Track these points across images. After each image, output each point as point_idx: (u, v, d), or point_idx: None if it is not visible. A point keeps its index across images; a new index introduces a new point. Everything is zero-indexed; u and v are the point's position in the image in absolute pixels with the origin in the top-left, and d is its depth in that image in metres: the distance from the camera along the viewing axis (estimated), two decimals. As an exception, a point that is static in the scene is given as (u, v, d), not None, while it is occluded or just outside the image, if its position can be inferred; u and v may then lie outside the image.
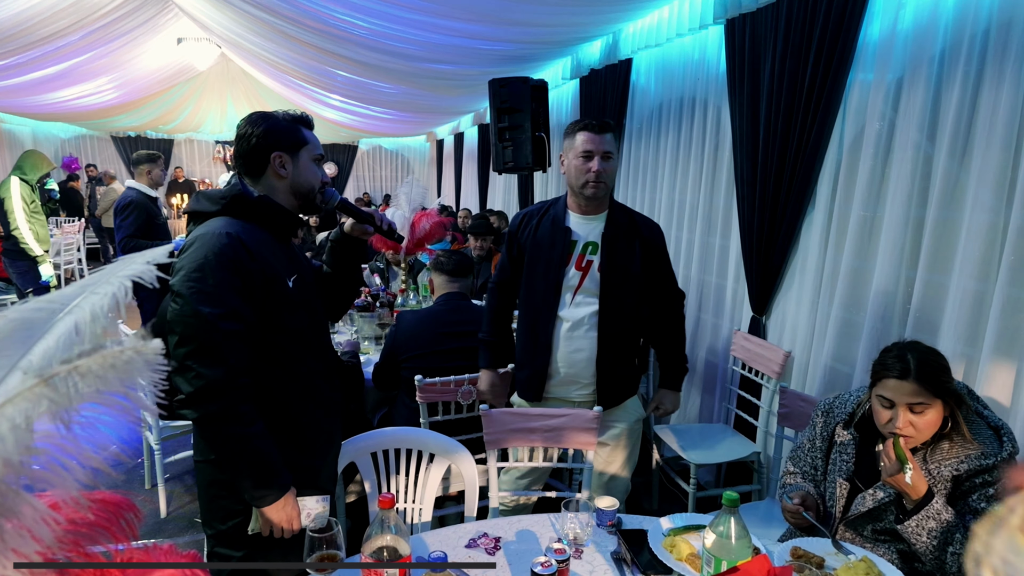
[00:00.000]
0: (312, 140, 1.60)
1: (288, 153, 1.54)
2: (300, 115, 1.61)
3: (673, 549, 1.45)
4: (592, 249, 2.11)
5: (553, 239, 2.13)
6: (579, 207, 2.14)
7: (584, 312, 2.11)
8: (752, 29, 2.82)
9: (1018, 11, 1.80)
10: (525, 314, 2.22)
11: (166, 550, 0.70)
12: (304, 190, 1.58)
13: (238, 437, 1.38)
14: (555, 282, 2.11)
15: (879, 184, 2.29)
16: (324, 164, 1.67)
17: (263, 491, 1.42)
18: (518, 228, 2.24)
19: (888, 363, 1.49)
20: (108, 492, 0.67)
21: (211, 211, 1.48)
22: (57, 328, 0.56)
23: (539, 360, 2.16)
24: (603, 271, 2.08)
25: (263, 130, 1.52)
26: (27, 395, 0.44)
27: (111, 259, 6.49)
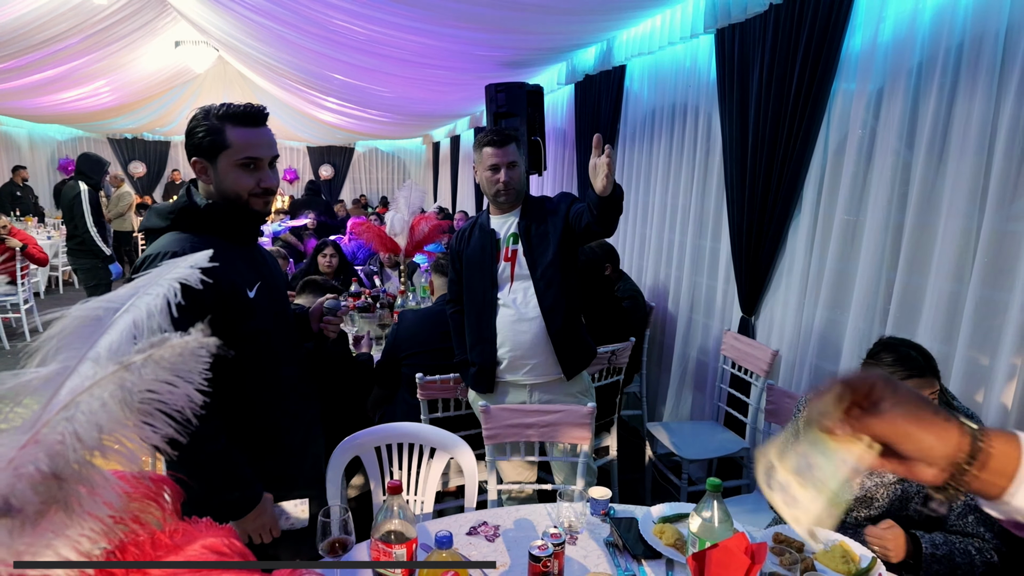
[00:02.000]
0: (238, 142, 1.39)
1: (205, 159, 1.41)
2: (233, 111, 1.39)
3: (662, 535, 1.54)
4: (513, 240, 2.29)
5: (482, 242, 2.32)
6: (498, 209, 2.35)
7: (522, 297, 2.27)
8: (741, 39, 2.92)
9: (989, 26, 1.90)
10: (469, 313, 2.38)
11: (205, 524, 0.78)
12: (230, 197, 1.42)
13: (205, 455, 1.32)
14: (490, 277, 2.30)
15: (861, 189, 2.39)
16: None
17: (234, 507, 1.38)
18: (456, 244, 2.44)
19: (898, 367, 1.56)
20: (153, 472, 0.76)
21: (162, 227, 1.41)
22: (118, 324, 0.65)
23: (486, 353, 2.31)
24: (527, 255, 2.26)
25: (188, 130, 1.41)
26: (111, 378, 0.52)
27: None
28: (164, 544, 0.69)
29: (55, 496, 0.54)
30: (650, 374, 3.93)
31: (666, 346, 3.88)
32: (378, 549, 1.22)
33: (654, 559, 1.50)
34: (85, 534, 0.58)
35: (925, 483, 0.60)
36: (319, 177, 13.82)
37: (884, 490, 1.60)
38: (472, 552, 1.52)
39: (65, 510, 0.56)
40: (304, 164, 14.13)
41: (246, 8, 4.57)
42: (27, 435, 0.52)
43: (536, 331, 2.26)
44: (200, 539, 0.73)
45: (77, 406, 0.52)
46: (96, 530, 0.59)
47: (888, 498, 1.60)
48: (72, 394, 0.54)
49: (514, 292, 2.29)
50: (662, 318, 3.90)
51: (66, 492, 0.55)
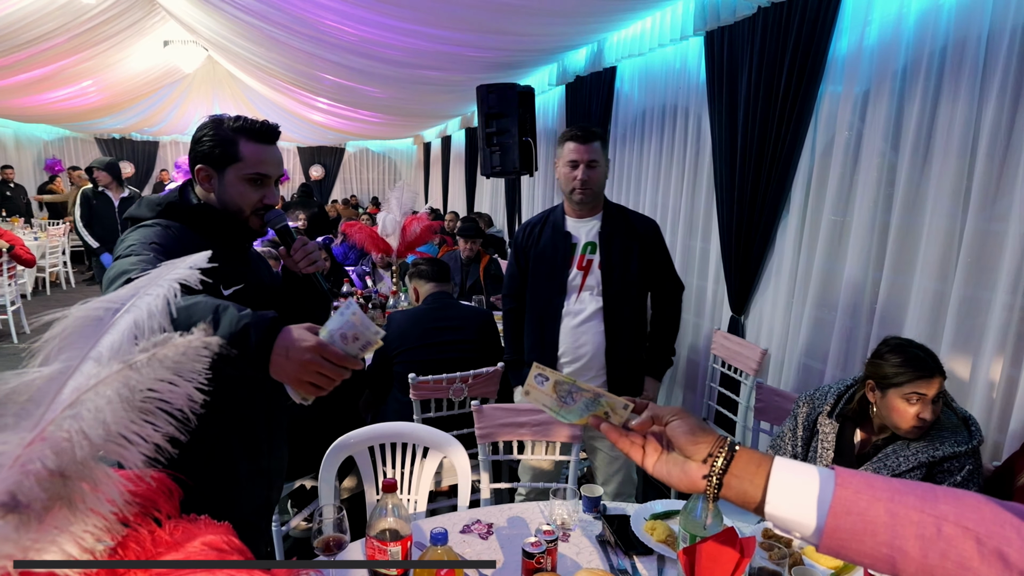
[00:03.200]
0: (250, 157, 1.39)
1: (213, 168, 1.39)
2: (249, 125, 1.39)
3: (653, 532, 1.56)
4: (591, 248, 2.22)
5: (555, 244, 2.25)
6: (574, 211, 2.27)
7: (589, 309, 2.22)
8: (730, 41, 2.95)
9: (972, 31, 1.94)
10: (532, 316, 2.33)
11: (204, 522, 0.79)
12: (230, 210, 1.41)
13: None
14: (559, 284, 2.23)
15: (848, 190, 2.42)
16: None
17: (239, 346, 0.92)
18: (523, 239, 2.36)
19: (906, 368, 1.59)
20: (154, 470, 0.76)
21: (147, 217, 1.38)
22: (119, 324, 0.66)
23: (546, 358, 2.27)
24: (603, 268, 2.20)
25: (196, 138, 1.41)
26: (117, 377, 0.53)
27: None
28: (164, 541, 0.70)
29: (60, 493, 0.55)
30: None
31: (657, 345, 3.91)
32: (373, 547, 1.24)
33: (646, 555, 1.52)
34: (89, 530, 0.59)
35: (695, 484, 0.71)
36: (309, 177, 13.77)
37: None
38: (466, 550, 1.54)
39: (69, 507, 0.57)
40: (294, 164, 14.07)
41: (236, 8, 4.56)
42: (33, 433, 0.53)
43: (595, 346, 2.23)
44: (200, 536, 0.74)
45: (83, 404, 0.53)
46: (99, 526, 0.60)
47: None
48: (77, 393, 0.55)
49: (581, 303, 2.23)
50: (653, 318, 3.93)
51: (71, 489, 0.56)
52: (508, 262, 2.45)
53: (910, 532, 0.58)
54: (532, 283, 2.31)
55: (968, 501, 0.58)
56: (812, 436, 1.84)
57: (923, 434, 1.61)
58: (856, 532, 0.59)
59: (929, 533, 0.57)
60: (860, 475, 0.63)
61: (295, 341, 0.93)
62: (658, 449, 0.77)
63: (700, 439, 0.72)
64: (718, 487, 0.69)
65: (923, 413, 1.60)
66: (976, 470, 1.57)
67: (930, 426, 1.61)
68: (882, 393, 1.65)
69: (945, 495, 0.59)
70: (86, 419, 0.52)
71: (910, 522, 0.58)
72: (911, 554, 0.57)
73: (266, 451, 1.47)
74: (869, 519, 0.59)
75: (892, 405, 1.65)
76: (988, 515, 0.56)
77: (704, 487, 0.70)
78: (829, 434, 1.77)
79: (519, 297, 2.38)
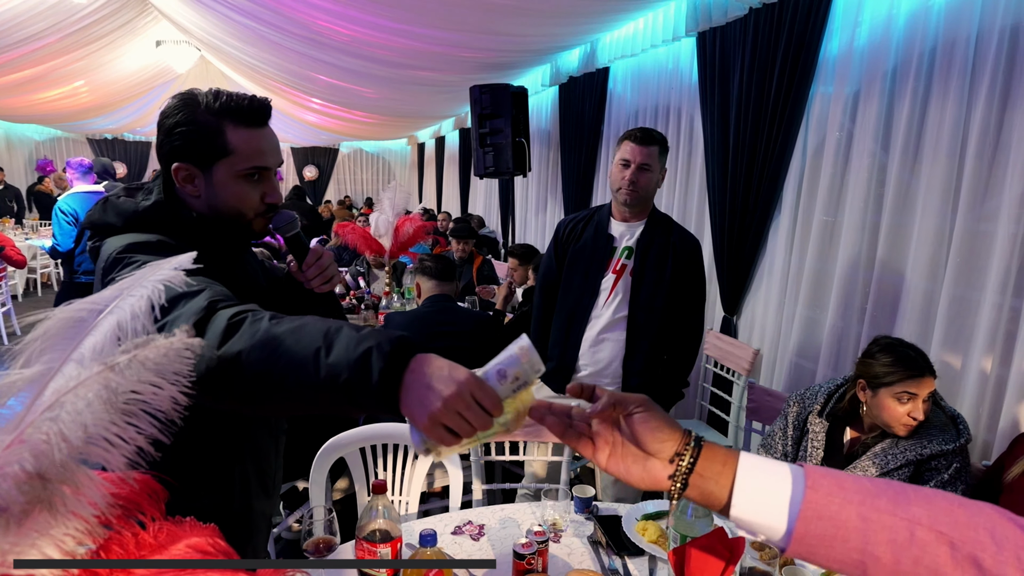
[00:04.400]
0: (243, 148, 1.09)
1: (196, 166, 1.09)
2: (235, 106, 1.09)
3: (644, 532, 1.57)
4: (628, 253, 2.18)
5: (596, 244, 2.21)
6: (620, 213, 2.22)
7: (614, 315, 2.18)
8: (722, 42, 2.96)
9: (961, 33, 1.95)
10: (560, 312, 2.29)
11: (189, 523, 0.79)
12: (227, 215, 1.12)
13: (271, 337, 0.78)
14: (593, 286, 2.20)
15: (839, 190, 2.43)
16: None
17: (382, 362, 0.72)
18: (564, 233, 2.31)
19: (897, 367, 1.60)
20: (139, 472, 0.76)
21: (115, 225, 1.09)
22: (102, 325, 0.65)
23: (568, 356, 2.24)
24: (635, 275, 2.16)
25: (166, 127, 1.09)
26: (96, 378, 0.53)
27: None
28: (148, 544, 0.70)
29: (40, 496, 0.55)
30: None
31: (650, 346, 3.92)
32: (363, 548, 1.23)
33: (637, 556, 1.52)
34: (69, 533, 0.58)
35: (658, 483, 0.66)
36: (303, 178, 13.74)
37: None
38: (457, 551, 1.54)
39: (50, 510, 0.56)
40: (288, 165, 14.03)
41: (228, 8, 4.55)
42: (12, 435, 0.52)
43: (614, 354, 2.20)
44: (184, 539, 0.73)
45: (62, 406, 0.53)
46: (80, 529, 0.60)
47: None
48: (57, 394, 0.55)
49: (608, 307, 2.19)
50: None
51: (51, 492, 0.56)
52: (546, 254, 2.40)
53: (882, 537, 0.56)
54: (566, 279, 2.26)
55: (941, 504, 0.57)
56: (802, 435, 1.84)
57: (912, 433, 1.62)
58: (826, 538, 0.57)
59: (902, 538, 0.55)
60: (831, 476, 0.60)
61: (442, 370, 0.72)
62: (610, 442, 0.69)
63: (666, 436, 0.65)
64: (683, 488, 0.64)
65: (914, 412, 1.61)
66: (963, 468, 1.57)
67: (920, 424, 1.62)
68: (873, 392, 1.66)
69: (917, 496, 0.58)
70: (65, 421, 0.52)
71: (882, 527, 0.56)
72: (883, 560, 0.56)
73: (272, 460, 1.35)
74: (840, 523, 0.57)
75: (883, 404, 1.65)
76: (962, 519, 0.55)
77: (668, 487, 0.65)
78: (819, 433, 1.78)
79: (552, 291, 2.32)
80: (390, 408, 0.73)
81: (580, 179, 4.55)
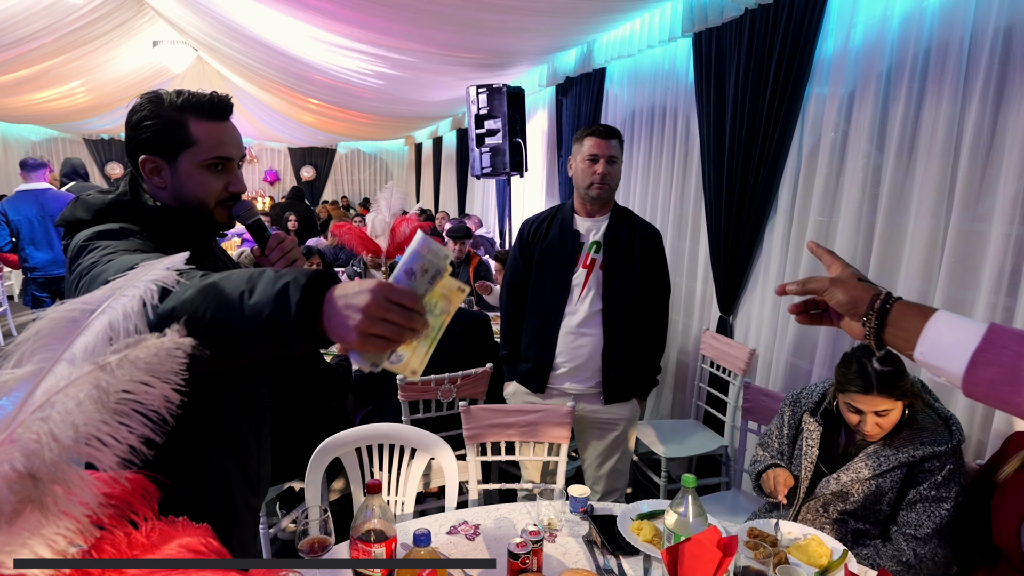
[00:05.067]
0: (205, 139, 1.17)
1: (162, 157, 1.17)
2: (197, 100, 1.17)
3: (639, 532, 1.57)
4: (596, 248, 2.23)
5: (563, 241, 2.24)
6: (584, 209, 2.27)
7: (589, 309, 2.22)
8: (718, 43, 2.96)
9: (954, 32, 1.96)
10: (532, 312, 2.32)
11: (182, 524, 0.79)
12: (190, 205, 1.20)
13: (202, 287, 0.81)
14: (564, 282, 2.23)
15: (834, 191, 2.44)
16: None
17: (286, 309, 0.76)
18: (529, 234, 2.34)
19: (851, 377, 1.61)
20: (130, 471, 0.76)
21: (85, 220, 1.15)
22: (94, 325, 0.65)
23: (544, 355, 2.27)
24: (605, 268, 2.20)
25: (133, 123, 1.17)
26: (87, 378, 0.53)
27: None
28: (140, 543, 0.70)
29: (31, 495, 0.55)
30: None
31: (647, 346, 3.92)
32: (358, 549, 1.23)
33: (632, 555, 1.52)
34: (61, 533, 0.59)
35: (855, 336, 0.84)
36: (300, 179, 13.73)
37: (859, 486, 1.65)
38: (452, 551, 1.54)
39: (41, 509, 0.56)
40: (285, 165, 14.02)
41: (224, 9, 4.54)
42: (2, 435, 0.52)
43: (593, 347, 2.23)
44: (177, 538, 0.73)
45: (53, 406, 0.53)
46: (72, 529, 0.60)
47: (863, 493, 1.64)
48: (48, 394, 0.55)
49: (582, 302, 2.23)
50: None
51: (42, 491, 0.56)
52: (511, 256, 2.43)
53: None
54: (536, 279, 2.30)
55: None
56: (797, 435, 1.85)
57: (905, 435, 1.62)
58: (996, 382, 0.69)
59: None
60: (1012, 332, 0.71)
61: (352, 287, 0.77)
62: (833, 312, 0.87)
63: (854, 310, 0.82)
64: (878, 344, 0.81)
65: (860, 425, 1.62)
66: (957, 469, 1.58)
67: (912, 427, 1.62)
68: (837, 395, 1.69)
69: None
70: (56, 421, 0.52)
71: None
72: None
73: (255, 454, 1.36)
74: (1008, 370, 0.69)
75: (842, 409, 1.68)
76: None
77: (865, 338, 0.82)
78: (813, 432, 1.78)
79: (521, 292, 2.36)
80: (315, 338, 0.77)
81: (577, 179, 4.56)
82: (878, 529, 1.67)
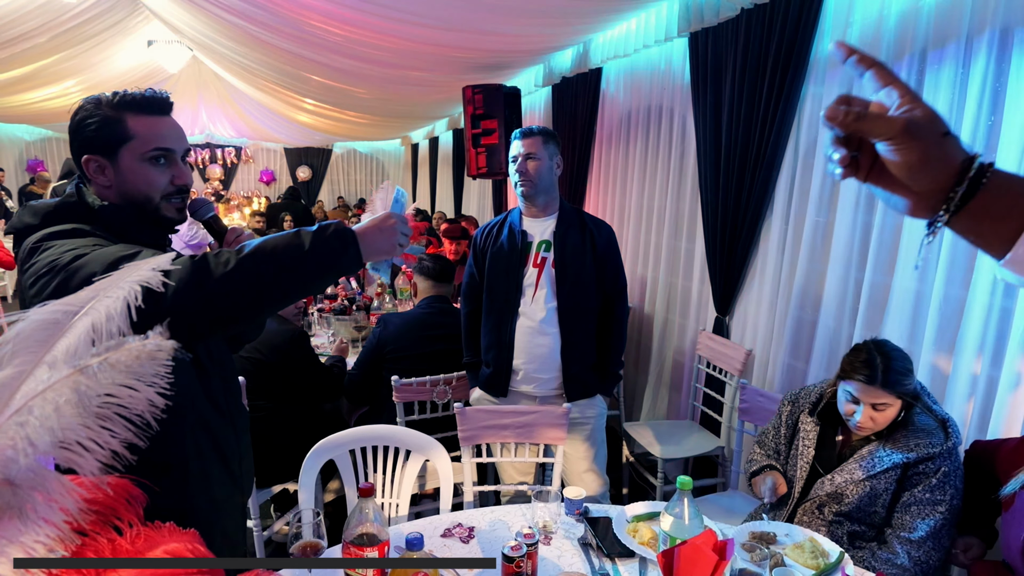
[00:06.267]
0: (144, 132, 1.17)
1: (103, 155, 1.17)
2: (132, 98, 1.18)
3: (636, 534, 1.56)
4: (546, 247, 2.24)
5: (512, 243, 2.27)
6: (528, 209, 2.29)
7: (544, 308, 2.23)
8: (714, 42, 2.96)
9: (951, 30, 1.95)
10: (489, 315, 2.34)
11: (168, 529, 0.77)
12: (136, 201, 1.19)
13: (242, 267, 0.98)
14: (515, 282, 2.25)
15: (830, 191, 2.43)
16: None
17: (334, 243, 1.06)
18: (481, 240, 2.38)
19: (857, 366, 1.61)
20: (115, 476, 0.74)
21: (34, 225, 1.15)
22: (76, 327, 0.64)
23: (503, 357, 2.28)
24: (557, 266, 2.22)
25: (75, 125, 1.19)
26: (66, 382, 0.52)
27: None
28: (125, 549, 0.68)
29: (9, 502, 0.53)
30: (627, 374, 3.96)
31: (643, 346, 3.92)
32: (350, 552, 1.22)
33: (627, 558, 1.51)
34: (40, 540, 0.57)
35: (917, 211, 0.58)
36: (296, 179, 13.69)
37: (853, 487, 1.64)
38: (447, 554, 1.52)
39: (20, 516, 0.55)
40: (281, 165, 13.98)
41: (219, 8, 4.52)
42: (-22, 441, 0.51)
43: (551, 346, 2.23)
44: (163, 544, 0.72)
45: (30, 410, 0.52)
46: (53, 536, 0.58)
47: (857, 495, 1.63)
48: (26, 398, 0.53)
49: (536, 302, 2.24)
50: (639, 319, 3.93)
51: (21, 498, 0.54)
52: (467, 264, 2.46)
53: None
54: (489, 282, 2.32)
55: None
56: (794, 434, 1.84)
57: (900, 436, 1.62)
58: None
59: None
60: None
61: (374, 222, 1.14)
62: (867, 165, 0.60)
63: (930, 179, 0.55)
64: (955, 226, 0.56)
65: (854, 416, 1.62)
66: (952, 472, 1.57)
67: (907, 428, 1.62)
68: (836, 381, 1.68)
69: None
70: (33, 426, 0.51)
71: None
72: None
73: (235, 449, 1.35)
74: None
75: (838, 395, 1.67)
76: None
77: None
78: (810, 432, 1.78)
79: (476, 299, 2.38)
80: (358, 259, 1.10)
81: (573, 179, 4.54)
82: (873, 531, 1.66)
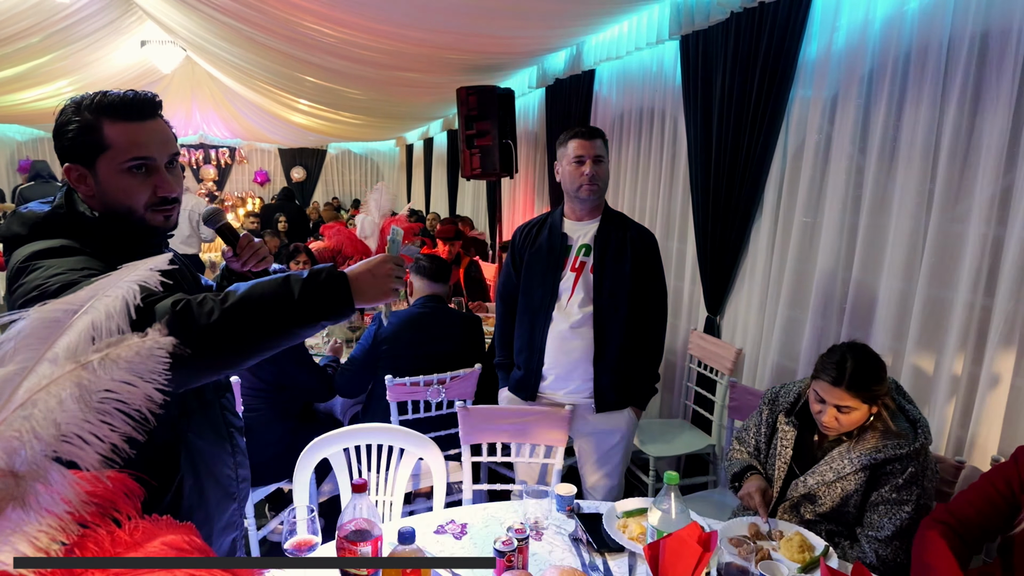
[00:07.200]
0: (120, 141, 1.09)
1: (82, 164, 1.10)
2: (109, 102, 1.09)
3: (625, 529, 1.59)
4: (585, 251, 2.18)
5: (551, 244, 2.21)
6: (574, 213, 2.23)
7: (579, 312, 2.17)
8: (704, 45, 2.99)
9: (934, 37, 1.99)
10: (523, 317, 2.28)
11: (165, 522, 0.79)
12: (119, 212, 1.12)
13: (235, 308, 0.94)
14: (552, 286, 2.18)
15: (818, 192, 2.47)
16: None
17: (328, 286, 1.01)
18: (520, 239, 2.32)
19: (827, 366, 1.63)
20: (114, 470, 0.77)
21: (23, 235, 1.10)
22: (77, 325, 0.66)
23: (534, 361, 2.22)
24: (595, 272, 2.16)
25: (56, 128, 1.12)
26: (69, 376, 0.54)
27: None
28: (124, 542, 0.70)
29: (12, 493, 0.55)
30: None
31: (635, 346, 3.94)
32: (344, 548, 1.24)
33: (618, 553, 1.54)
34: (43, 530, 0.59)
35: None
36: (291, 179, 13.68)
37: (825, 488, 1.67)
38: (439, 550, 1.55)
39: (23, 507, 0.57)
40: (275, 166, 13.96)
41: (213, 8, 4.52)
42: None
43: (583, 352, 2.17)
44: (160, 536, 0.74)
45: (35, 404, 0.54)
46: (54, 527, 0.61)
47: (829, 495, 1.66)
48: (30, 393, 0.56)
49: (571, 306, 2.17)
50: (631, 318, 3.96)
51: (24, 489, 0.56)
52: (504, 263, 2.40)
53: None
54: (525, 284, 2.26)
55: None
56: (773, 433, 1.86)
57: (870, 437, 1.63)
58: None
59: None
60: None
61: (366, 265, 1.08)
62: None
63: None
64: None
65: (820, 415, 1.64)
66: (920, 472, 1.58)
67: (877, 430, 1.63)
68: (811, 380, 1.71)
69: None
70: (37, 419, 0.53)
71: None
72: None
73: (228, 462, 1.34)
74: None
75: (809, 395, 1.70)
76: None
77: None
78: (788, 434, 1.79)
79: (512, 299, 2.33)
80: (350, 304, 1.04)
81: (566, 180, 4.58)
82: (848, 531, 1.69)
